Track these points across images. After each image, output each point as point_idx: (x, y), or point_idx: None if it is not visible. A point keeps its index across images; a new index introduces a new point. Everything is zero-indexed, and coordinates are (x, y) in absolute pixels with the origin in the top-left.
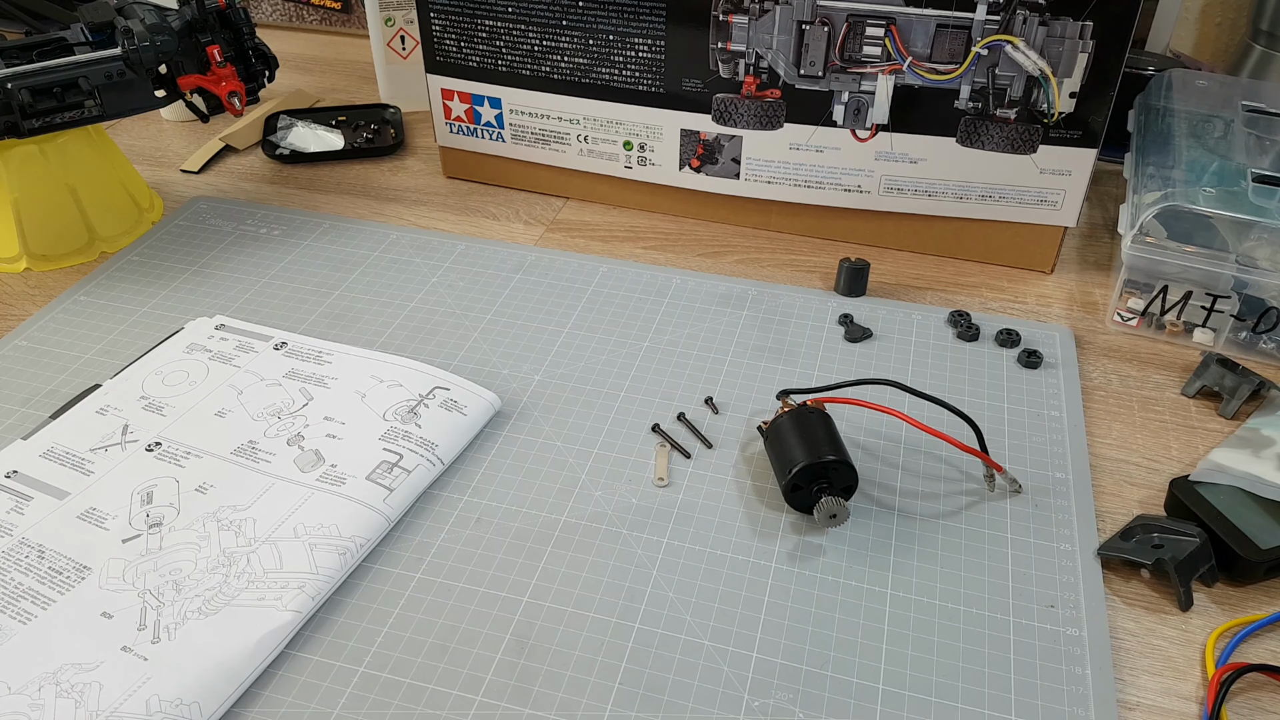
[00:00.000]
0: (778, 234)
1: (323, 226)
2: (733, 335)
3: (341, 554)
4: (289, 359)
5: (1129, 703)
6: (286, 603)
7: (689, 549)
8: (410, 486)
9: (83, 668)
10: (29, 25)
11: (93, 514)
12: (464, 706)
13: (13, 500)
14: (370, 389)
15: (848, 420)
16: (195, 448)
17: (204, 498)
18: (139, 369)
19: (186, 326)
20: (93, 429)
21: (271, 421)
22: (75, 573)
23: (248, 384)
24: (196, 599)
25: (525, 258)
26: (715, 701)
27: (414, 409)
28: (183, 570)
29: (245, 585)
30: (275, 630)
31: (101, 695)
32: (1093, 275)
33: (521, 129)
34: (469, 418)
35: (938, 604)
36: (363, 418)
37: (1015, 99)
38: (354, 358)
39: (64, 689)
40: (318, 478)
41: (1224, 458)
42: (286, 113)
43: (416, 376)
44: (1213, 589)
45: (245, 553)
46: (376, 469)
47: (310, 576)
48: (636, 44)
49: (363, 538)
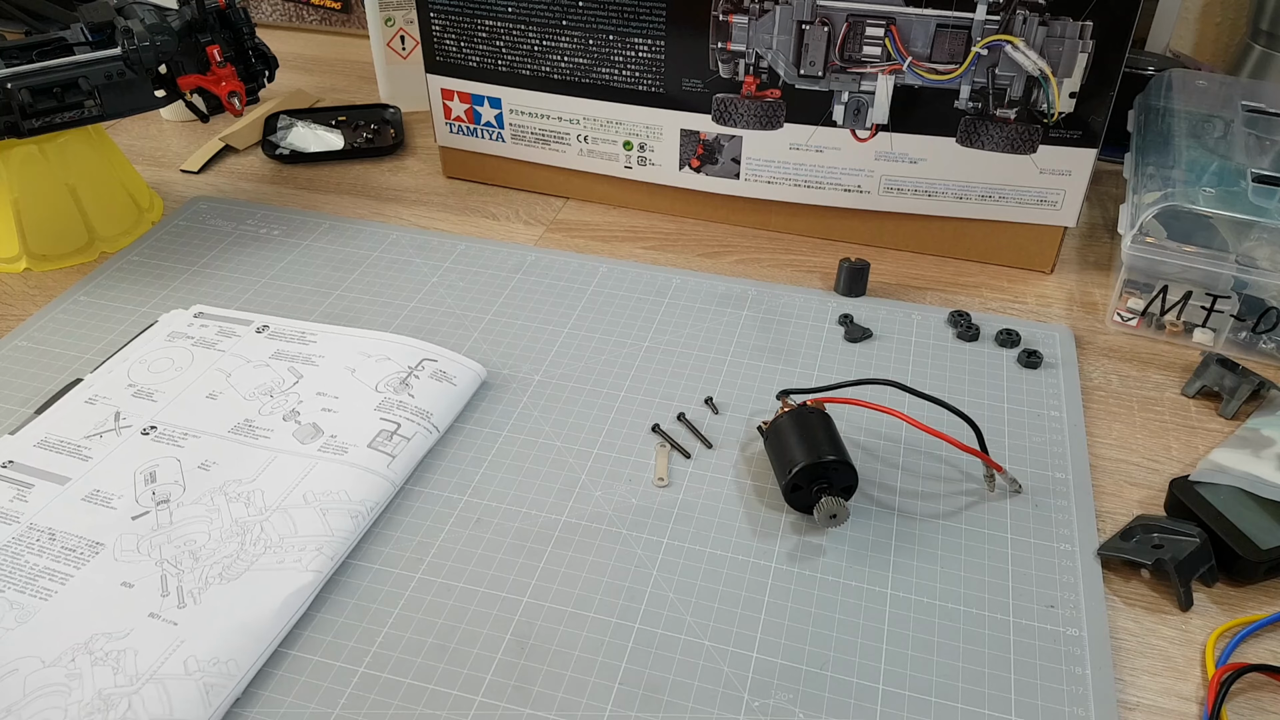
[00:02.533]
0: (778, 234)
1: (323, 226)
2: (733, 335)
3: (353, 517)
4: (273, 341)
5: (1129, 703)
6: (307, 564)
7: (689, 549)
8: (411, 453)
9: (113, 636)
10: (29, 25)
11: (98, 495)
12: (464, 706)
13: (14, 489)
14: (359, 364)
15: (848, 420)
16: (192, 429)
17: (208, 474)
18: (121, 359)
19: (162, 318)
20: (84, 418)
21: (265, 400)
22: (89, 549)
23: (235, 367)
24: (216, 566)
25: (525, 258)
26: (715, 701)
27: (405, 380)
28: (197, 541)
29: (263, 550)
30: (299, 590)
31: (138, 660)
32: (1093, 275)
33: (521, 129)
34: (459, 387)
35: (938, 604)
36: (356, 391)
37: (1015, 99)
38: (338, 336)
39: (98, 657)
40: (319, 448)
41: (1224, 458)
42: (286, 113)
43: (404, 350)
44: (1213, 589)
45: (258, 521)
46: (377, 437)
47: (327, 539)
48: (636, 44)
49: (372, 501)
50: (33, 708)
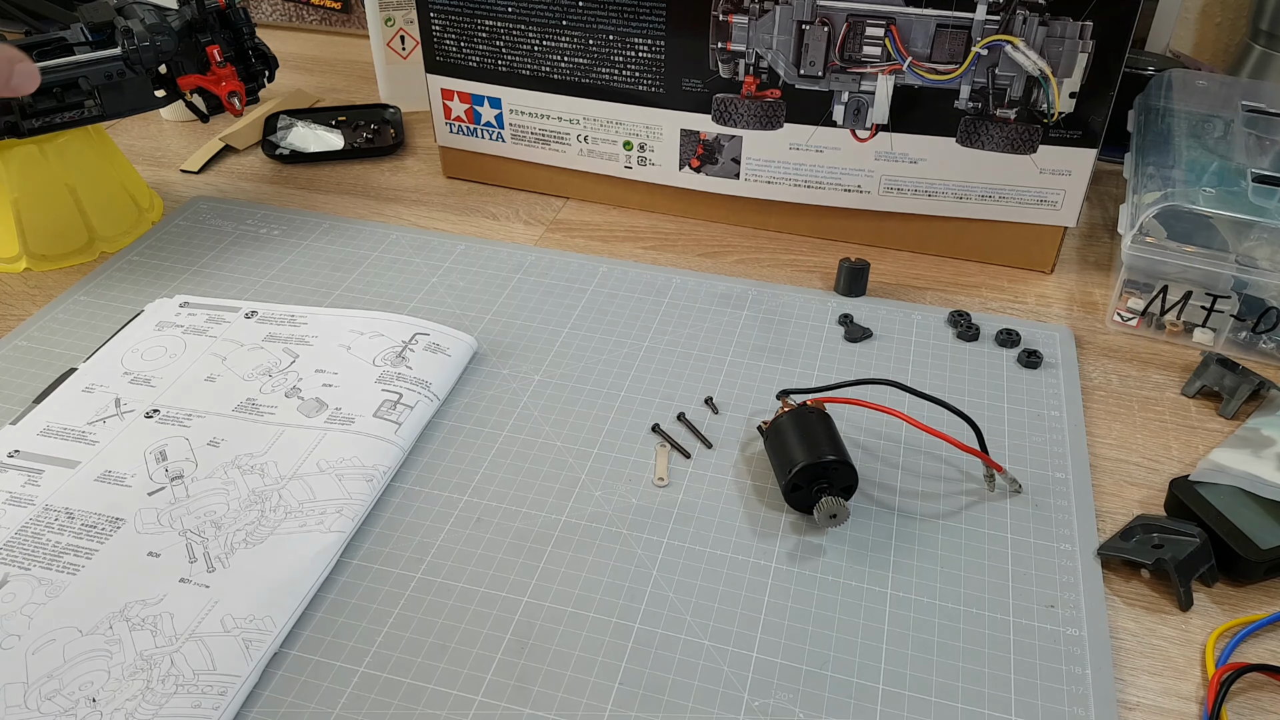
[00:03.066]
0: (778, 234)
1: (323, 226)
2: (733, 335)
3: (368, 480)
4: (264, 325)
5: (1129, 703)
6: (329, 525)
7: (689, 549)
8: (415, 420)
9: (147, 603)
10: (29, 25)
11: (110, 475)
12: (464, 706)
13: (24, 475)
14: (353, 341)
15: (848, 420)
16: (195, 410)
17: (218, 450)
18: (113, 349)
19: (148, 308)
20: (84, 405)
21: (264, 380)
22: (109, 525)
23: (229, 351)
24: (240, 533)
25: (525, 258)
26: (715, 701)
27: (401, 354)
28: (217, 512)
29: (284, 516)
30: (324, 549)
31: (175, 622)
32: (1093, 275)
33: (521, 129)
34: (453, 358)
35: (938, 604)
36: (354, 366)
37: (1015, 99)
38: (328, 316)
39: (135, 623)
40: (325, 420)
41: (1224, 458)
42: (286, 113)
43: (395, 325)
44: (1213, 589)
45: (275, 489)
46: (381, 407)
47: (346, 501)
48: (636, 44)
49: (384, 465)
50: (75, 671)
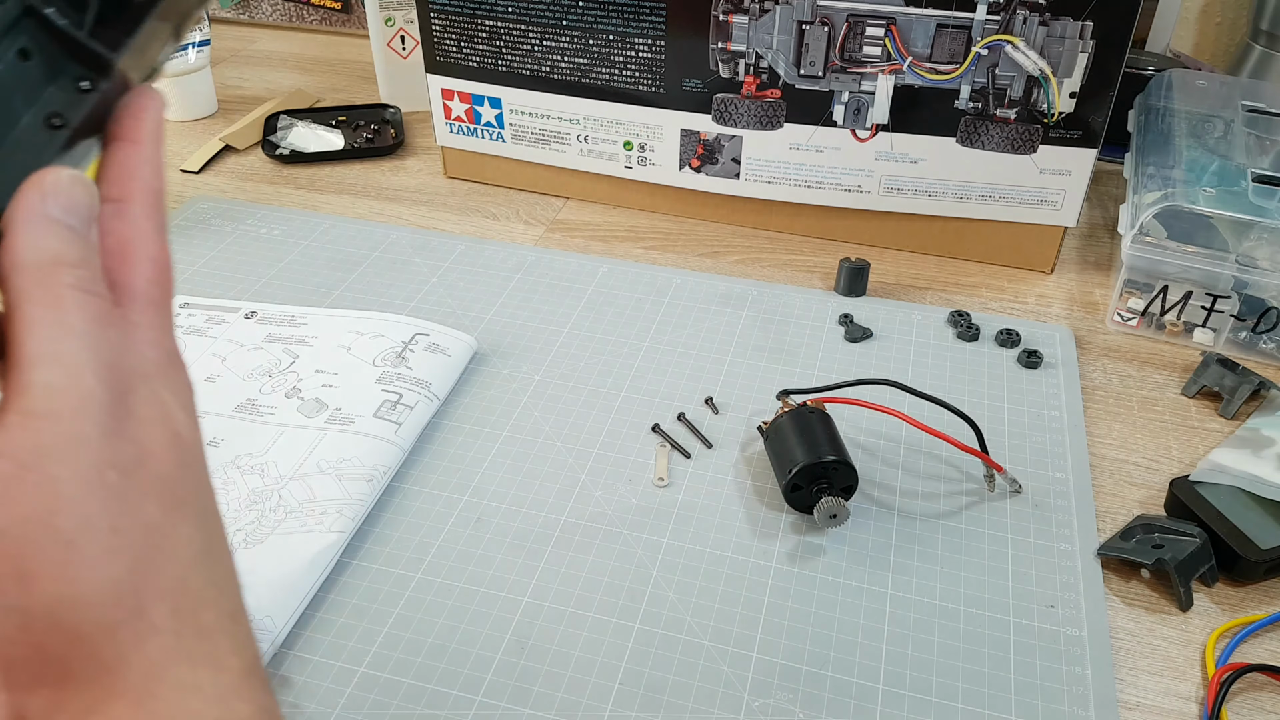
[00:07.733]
0: (778, 234)
1: (323, 226)
2: (733, 335)
3: (369, 481)
4: (263, 325)
5: (1129, 703)
6: (329, 525)
7: (689, 549)
8: (415, 420)
9: None
10: None
11: None
12: (464, 706)
13: None
14: (353, 342)
15: (848, 420)
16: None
17: (217, 450)
18: None
19: None
20: None
21: (264, 380)
22: None
23: (229, 351)
24: (239, 533)
25: (525, 258)
26: (715, 701)
27: (401, 354)
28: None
29: (284, 516)
30: (325, 549)
31: None
32: (1093, 275)
33: (521, 129)
34: (453, 358)
35: (938, 604)
36: (354, 367)
37: (1015, 99)
38: (328, 317)
39: None
40: (325, 420)
41: (1224, 458)
42: (286, 113)
43: (395, 326)
44: (1213, 589)
45: (275, 489)
46: (381, 407)
47: (345, 501)
48: (636, 44)
49: (385, 466)
50: None
